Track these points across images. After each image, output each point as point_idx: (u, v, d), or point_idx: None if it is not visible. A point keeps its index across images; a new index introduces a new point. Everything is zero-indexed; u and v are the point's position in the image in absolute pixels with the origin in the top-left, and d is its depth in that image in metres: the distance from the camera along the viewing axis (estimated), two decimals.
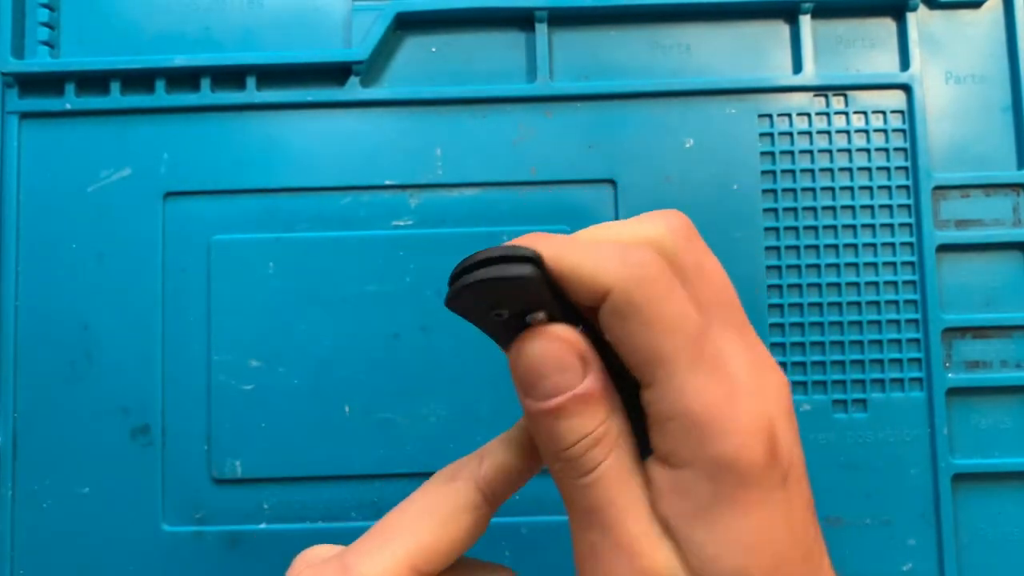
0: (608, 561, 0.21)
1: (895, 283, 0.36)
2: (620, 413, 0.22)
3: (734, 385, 0.21)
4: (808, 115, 0.37)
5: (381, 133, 0.37)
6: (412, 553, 0.22)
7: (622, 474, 0.21)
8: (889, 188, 0.36)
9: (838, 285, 0.36)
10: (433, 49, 0.38)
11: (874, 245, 0.36)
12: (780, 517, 0.21)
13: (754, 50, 0.38)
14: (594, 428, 0.21)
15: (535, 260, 0.21)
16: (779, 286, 0.36)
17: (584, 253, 0.21)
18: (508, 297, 0.21)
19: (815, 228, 0.36)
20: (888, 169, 0.37)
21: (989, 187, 0.37)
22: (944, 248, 0.36)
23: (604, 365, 0.22)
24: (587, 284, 0.20)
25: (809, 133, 0.37)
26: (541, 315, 0.21)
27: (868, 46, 0.38)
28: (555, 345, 0.21)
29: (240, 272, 0.36)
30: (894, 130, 0.37)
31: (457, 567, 0.24)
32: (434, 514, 0.23)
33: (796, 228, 0.36)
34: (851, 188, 0.36)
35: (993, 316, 0.36)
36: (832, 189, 0.36)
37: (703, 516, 0.20)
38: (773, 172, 0.37)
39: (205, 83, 0.37)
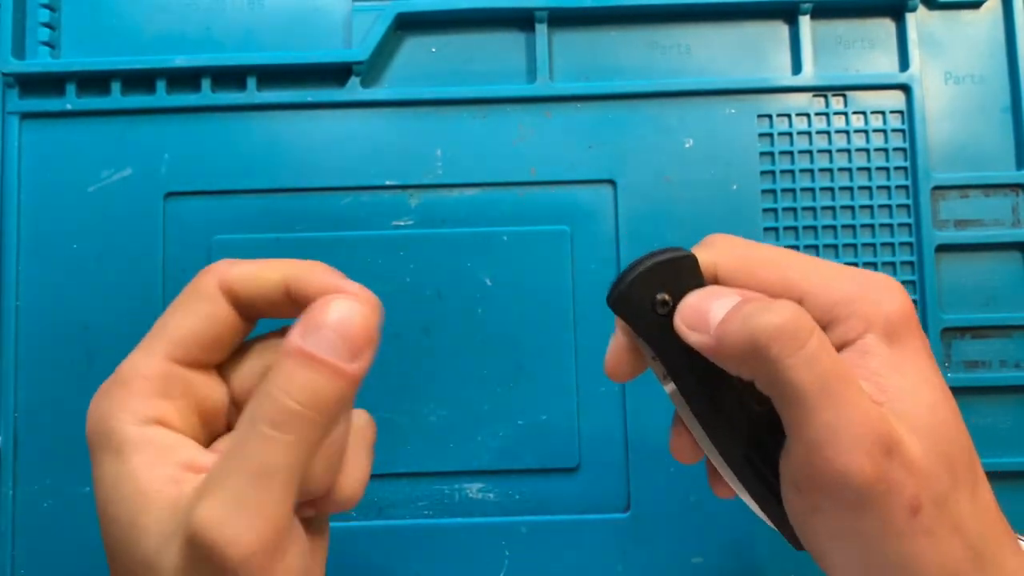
0: (851, 432, 0.21)
1: None
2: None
3: (855, 270, 0.25)
4: (807, 115, 0.37)
5: (381, 133, 0.37)
6: (166, 344, 0.23)
7: (828, 345, 0.22)
8: (888, 188, 0.37)
9: None
10: (433, 49, 0.38)
11: (873, 245, 0.36)
12: (935, 365, 0.24)
13: (754, 50, 0.38)
14: (789, 306, 0.22)
15: (691, 254, 0.24)
16: None
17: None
18: (671, 282, 0.24)
19: (815, 228, 0.36)
20: (887, 169, 0.37)
21: (988, 187, 0.37)
22: (943, 248, 0.36)
23: None
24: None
25: (808, 133, 0.37)
26: None
27: (867, 46, 0.38)
28: (708, 290, 0.24)
29: None
30: (893, 130, 0.37)
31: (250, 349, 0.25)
32: (178, 306, 0.24)
33: (796, 228, 0.36)
34: (850, 188, 0.37)
35: (992, 316, 0.36)
36: (831, 189, 0.37)
37: (893, 365, 0.23)
38: (772, 172, 0.37)
39: (206, 83, 0.37)
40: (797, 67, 0.37)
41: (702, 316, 0.23)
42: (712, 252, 0.25)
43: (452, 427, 0.35)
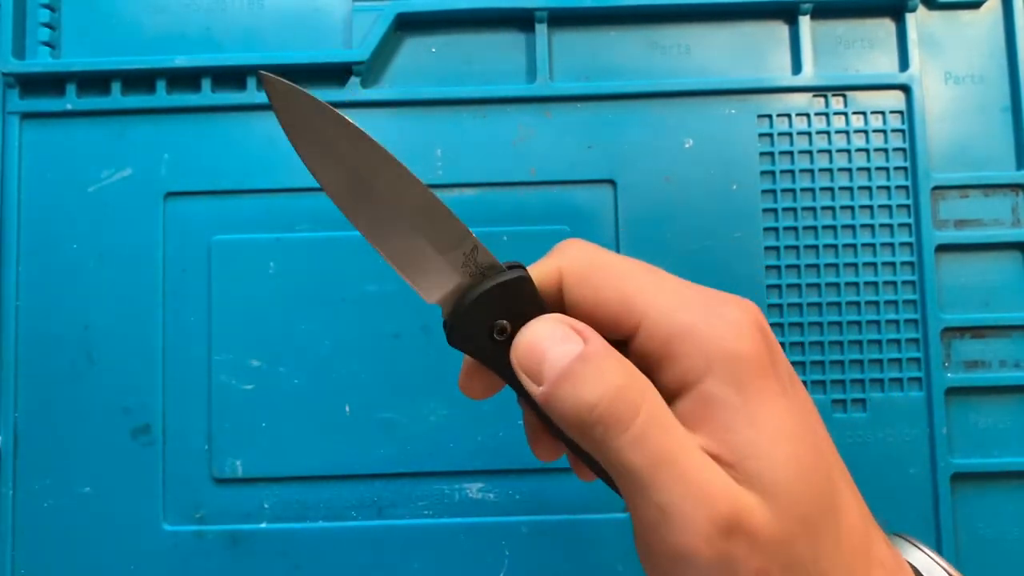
0: (684, 513, 0.20)
1: (894, 283, 0.36)
2: (638, 372, 0.21)
3: (705, 294, 0.22)
4: (807, 115, 0.37)
5: (381, 133, 0.37)
6: None
7: (665, 417, 0.21)
8: (888, 188, 0.37)
9: (837, 285, 0.36)
10: (433, 49, 0.38)
11: (873, 245, 0.36)
12: (802, 411, 0.21)
13: (753, 51, 0.38)
14: (614, 377, 0.21)
15: (522, 267, 0.23)
16: (778, 286, 0.36)
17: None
18: (508, 306, 0.22)
19: (814, 228, 0.36)
20: (887, 169, 0.37)
21: (988, 187, 0.37)
22: (943, 248, 0.36)
23: None
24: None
25: (808, 133, 0.37)
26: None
27: (867, 47, 0.38)
28: (548, 323, 0.22)
29: (240, 272, 0.36)
30: (893, 130, 0.37)
31: None
32: None
33: (795, 228, 0.36)
34: (850, 188, 0.37)
35: (992, 316, 0.36)
36: (831, 189, 0.37)
37: (741, 416, 0.20)
38: (772, 172, 0.37)
39: (206, 83, 0.37)
40: (797, 67, 0.37)
41: (538, 361, 0.21)
42: (559, 260, 0.23)
43: (452, 427, 0.35)
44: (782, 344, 0.36)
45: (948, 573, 0.24)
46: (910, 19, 0.37)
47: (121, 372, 0.35)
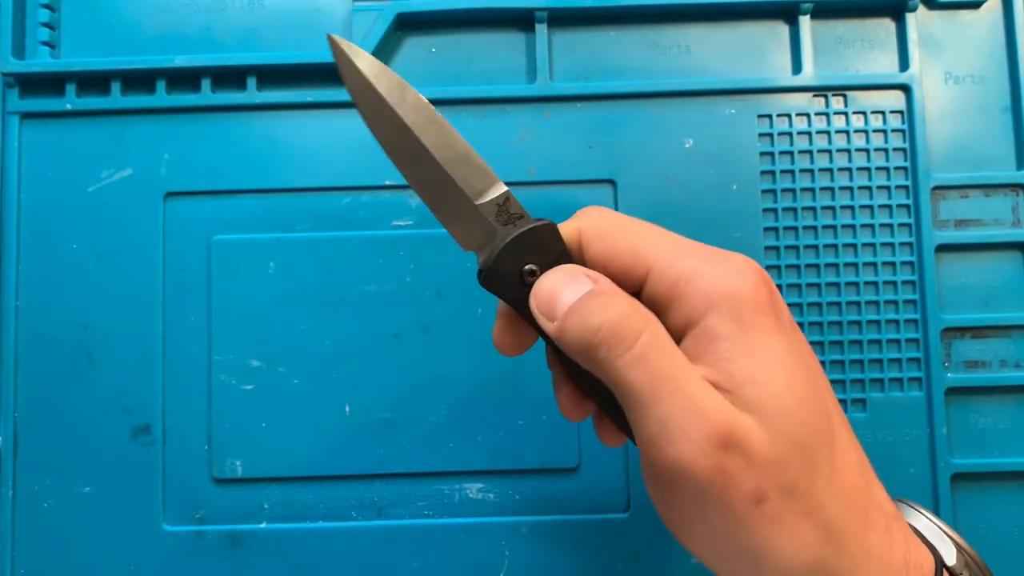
0: (681, 426, 0.21)
1: (894, 283, 0.36)
2: (643, 307, 0.23)
3: (708, 248, 0.23)
4: (807, 115, 0.37)
5: None
6: None
7: (666, 341, 0.22)
8: (888, 188, 0.37)
9: (837, 285, 0.36)
10: (433, 49, 0.38)
11: (873, 245, 0.36)
12: (800, 343, 0.23)
13: (753, 51, 0.38)
14: (619, 306, 0.22)
15: (550, 222, 0.25)
16: (778, 286, 0.36)
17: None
18: (536, 252, 0.25)
19: (814, 228, 0.36)
20: (887, 169, 0.37)
21: (988, 187, 0.37)
22: (943, 248, 0.36)
23: None
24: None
25: (808, 133, 0.37)
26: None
27: (867, 47, 0.38)
28: (563, 271, 0.24)
29: (240, 272, 0.36)
30: (893, 130, 0.37)
31: None
32: None
33: (796, 228, 0.36)
34: (850, 188, 0.37)
35: (992, 316, 0.36)
36: (831, 189, 0.37)
37: (740, 348, 0.22)
38: (772, 172, 0.37)
39: (206, 83, 0.37)
40: (797, 67, 0.37)
41: (551, 302, 0.24)
42: (580, 221, 0.25)
43: (452, 427, 0.35)
44: None
45: (947, 535, 0.25)
46: (910, 19, 0.37)
47: (121, 372, 0.35)
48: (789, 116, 0.37)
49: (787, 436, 0.21)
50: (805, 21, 0.37)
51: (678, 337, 0.23)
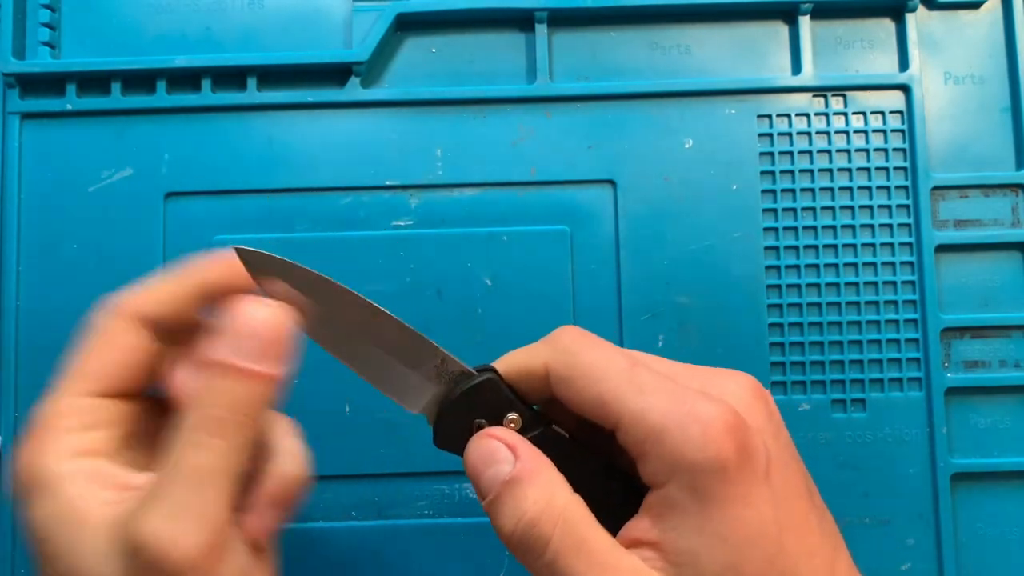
0: None
1: (894, 283, 0.36)
2: (566, 490, 0.23)
3: (684, 393, 0.22)
4: (807, 116, 0.37)
5: (381, 133, 0.37)
6: (78, 381, 0.24)
7: (578, 541, 0.22)
8: (888, 188, 0.37)
9: (837, 285, 0.36)
10: (433, 50, 0.38)
11: (873, 245, 0.36)
12: (768, 512, 0.21)
13: (753, 51, 0.38)
14: (528, 508, 0.22)
15: (493, 370, 0.25)
16: (778, 286, 0.36)
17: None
18: (483, 407, 0.25)
19: (814, 228, 0.36)
20: (887, 169, 0.37)
21: (988, 187, 0.37)
22: (943, 248, 0.36)
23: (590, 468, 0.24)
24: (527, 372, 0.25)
25: (808, 134, 0.37)
26: (513, 415, 0.25)
27: (867, 47, 0.38)
28: (484, 442, 0.24)
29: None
30: (893, 130, 0.37)
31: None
32: (83, 346, 0.25)
33: (795, 228, 0.36)
34: (850, 188, 0.37)
35: (992, 316, 0.36)
36: (831, 189, 0.37)
37: (692, 523, 0.21)
38: (772, 172, 0.37)
39: (206, 84, 0.37)
40: (797, 67, 0.37)
41: (475, 479, 0.24)
42: (548, 353, 0.24)
43: None
44: (782, 344, 0.36)
45: None
46: (910, 19, 0.37)
47: None
48: (789, 116, 0.37)
49: None
50: (805, 21, 0.37)
51: (650, 487, 0.22)
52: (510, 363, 0.25)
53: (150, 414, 0.26)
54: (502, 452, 0.23)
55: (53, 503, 0.22)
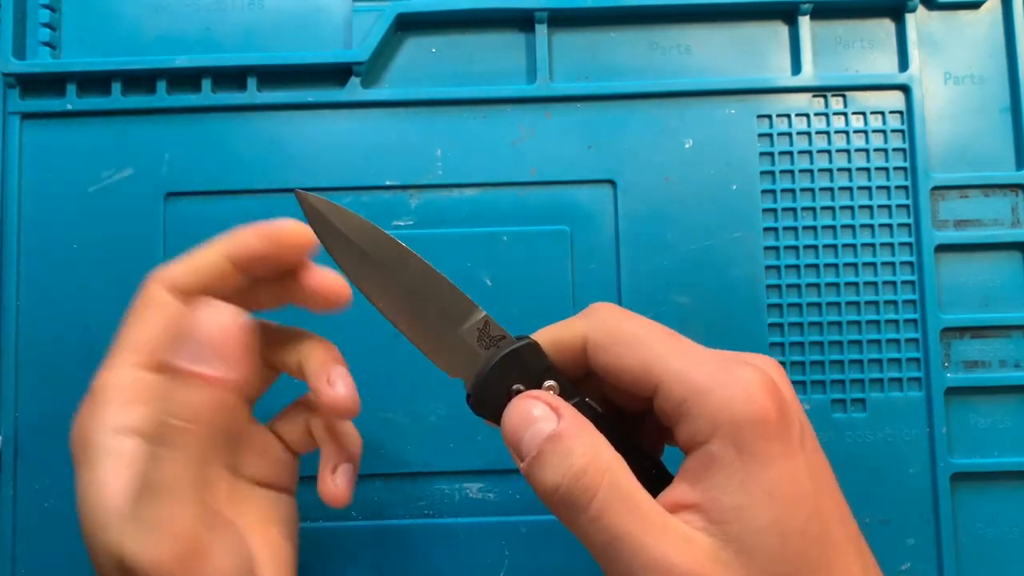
0: None
1: (894, 283, 0.36)
2: (610, 449, 0.23)
3: (724, 356, 0.23)
4: (807, 116, 0.37)
5: (381, 133, 0.37)
6: (129, 354, 0.25)
7: (624, 496, 0.22)
8: (888, 188, 0.37)
9: (837, 285, 0.36)
10: (433, 50, 0.38)
11: (873, 245, 0.36)
12: (806, 473, 0.22)
13: (753, 51, 0.38)
14: (575, 461, 0.22)
15: (532, 340, 0.25)
16: (778, 286, 0.36)
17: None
18: (521, 372, 0.25)
19: (814, 228, 0.36)
20: (887, 169, 0.37)
21: (988, 187, 0.37)
22: (943, 248, 0.36)
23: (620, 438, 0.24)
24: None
25: (808, 134, 0.37)
26: (551, 382, 0.25)
27: (867, 47, 0.38)
28: (525, 403, 0.24)
29: None
30: (893, 131, 0.37)
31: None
32: (131, 319, 0.26)
33: (795, 228, 0.36)
34: (850, 188, 0.37)
35: (991, 316, 0.36)
36: (831, 189, 0.37)
37: (736, 479, 0.21)
38: (772, 172, 0.37)
39: (206, 84, 0.37)
40: (797, 67, 0.37)
41: (515, 444, 0.24)
42: (585, 325, 0.25)
43: (452, 427, 0.35)
44: (782, 344, 0.36)
45: None
46: (910, 19, 0.37)
47: None
48: (789, 116, 0.37)
49: (767, 572, 0.21)
50: (805, 21, 0.37)
51: (687, 450, 0.23)
52: (546, 336, 0.25)
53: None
54: (545, 411, 0.23)
55: (90, 476, 0.24)
